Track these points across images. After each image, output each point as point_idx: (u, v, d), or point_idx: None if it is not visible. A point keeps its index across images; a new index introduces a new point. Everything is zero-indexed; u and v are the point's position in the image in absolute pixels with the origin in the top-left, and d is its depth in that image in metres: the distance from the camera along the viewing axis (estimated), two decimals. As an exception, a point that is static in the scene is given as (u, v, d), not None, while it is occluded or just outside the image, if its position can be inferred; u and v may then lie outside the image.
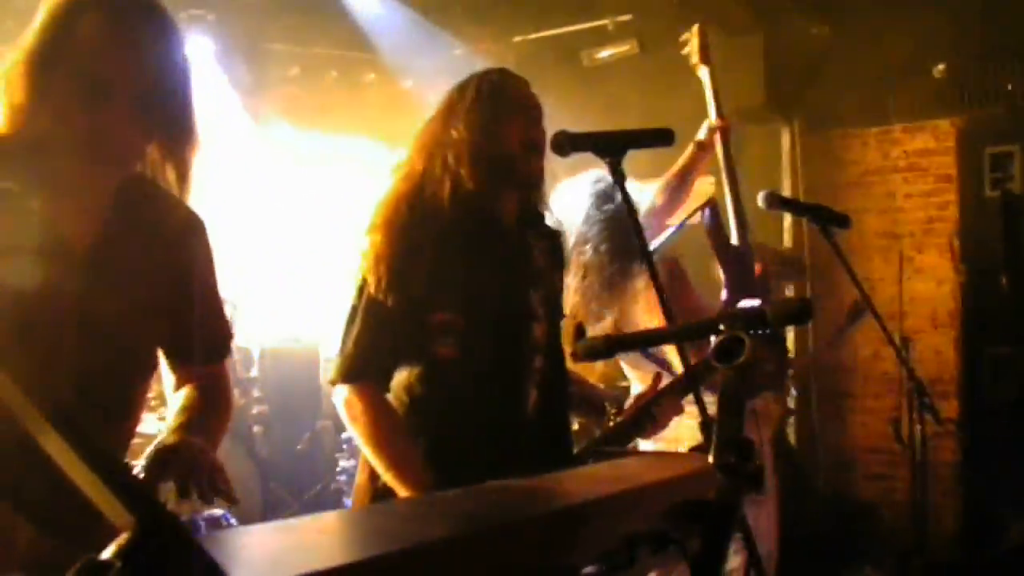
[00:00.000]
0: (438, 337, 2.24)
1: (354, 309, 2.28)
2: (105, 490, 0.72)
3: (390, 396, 2.31)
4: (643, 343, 1.84)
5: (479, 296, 2.27)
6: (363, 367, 2.25)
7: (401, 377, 2.31)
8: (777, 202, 3.10)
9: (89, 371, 1.64)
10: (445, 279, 2.24)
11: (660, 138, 2.08)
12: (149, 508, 0.73)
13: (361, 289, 2.27)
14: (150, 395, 4.77)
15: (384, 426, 2.22)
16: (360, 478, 2.39)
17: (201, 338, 1.91)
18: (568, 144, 2.02)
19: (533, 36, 6.90)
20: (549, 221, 2.51)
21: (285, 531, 1.38)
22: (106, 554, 0.73)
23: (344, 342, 2.28)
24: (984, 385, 5.81)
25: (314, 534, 1.29)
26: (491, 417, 2.27)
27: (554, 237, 2.52)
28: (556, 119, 2.35)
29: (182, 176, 1.82)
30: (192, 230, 1.89)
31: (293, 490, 6.44)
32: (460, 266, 2.26)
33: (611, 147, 1.97)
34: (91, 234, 1.70)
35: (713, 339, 1.34)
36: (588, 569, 1.53)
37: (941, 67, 5.79)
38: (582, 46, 6.80)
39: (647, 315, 3.08)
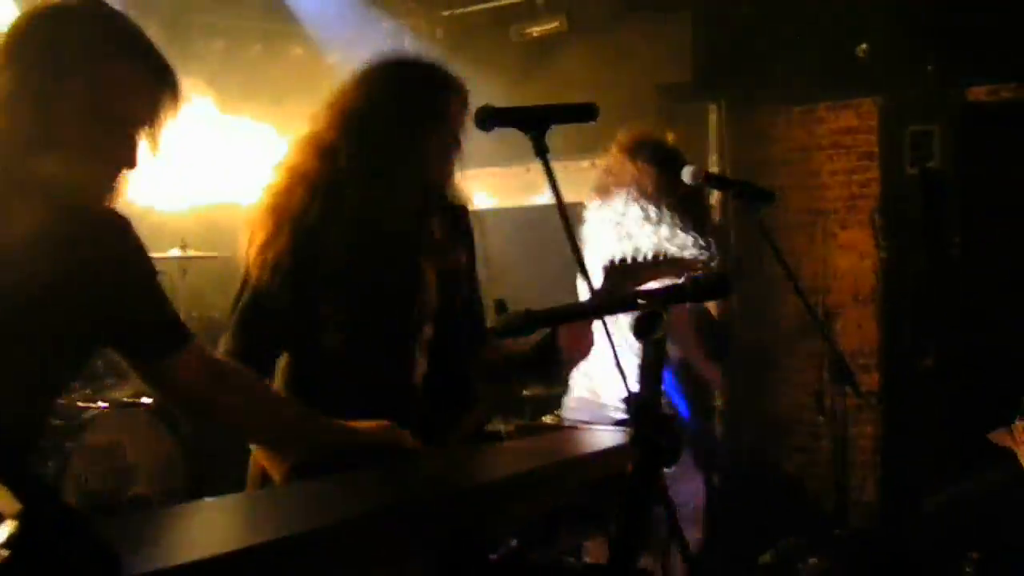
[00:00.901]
0: (326, 327, 2.22)
1: (239, 297, 2.23)
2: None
3: (275, 376, 2.28)
4: (563, 318, 1.84)
5: (368, 282, 2.24)
6: (240, 358, 2.18)
7: (286, 360, 2.29)
8: (703, 177, 3.11)
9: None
10: (338, 273, 2.21)
11: (583, 113, 2.06)
12: (37, 496, 0.70)
13: (246, 280, 2.22)
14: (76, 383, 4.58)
15: None
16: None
17: (158, 330, 1.85)
18: (491, 119, 2.00)
19: (462, 11, 6.84)
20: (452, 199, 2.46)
21: (200, 512, 1.36)
22: (-7, 541, 0.71)
23: (228, 327, 2.23)
24: (903, 358, 5.95)
25: (224, 515, 1.27)
26: (375, 386, 2.25)
27: (455, 211, 2.47)
28: (485, 94, 2.32)
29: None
30: (112, 228, 1.78)
31: (218, 469, 6.34)
32: (353, 254, 2.22)
33: (534, 122, 1.95)
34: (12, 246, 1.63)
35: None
36: (509, 544, 1.53)
37: (864, 47, 5.87)
38: (512, 20, 6.77)
39: None
